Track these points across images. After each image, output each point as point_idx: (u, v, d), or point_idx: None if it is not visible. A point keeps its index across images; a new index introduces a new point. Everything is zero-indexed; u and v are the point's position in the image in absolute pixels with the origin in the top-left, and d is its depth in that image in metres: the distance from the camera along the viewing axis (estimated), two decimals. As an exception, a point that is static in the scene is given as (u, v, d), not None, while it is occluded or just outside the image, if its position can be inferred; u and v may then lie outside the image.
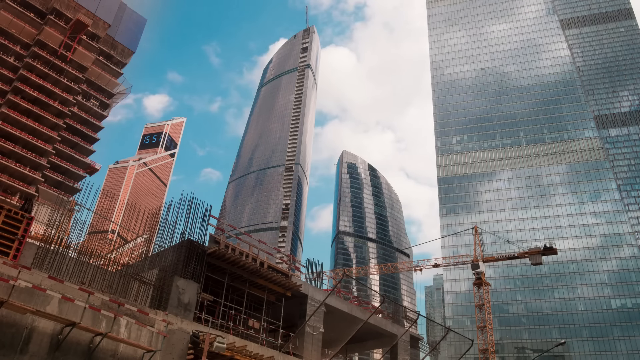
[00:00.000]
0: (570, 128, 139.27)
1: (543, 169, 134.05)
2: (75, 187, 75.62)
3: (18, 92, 71.39)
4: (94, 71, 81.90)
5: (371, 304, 52.95)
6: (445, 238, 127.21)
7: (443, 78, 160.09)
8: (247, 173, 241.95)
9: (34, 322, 16.48)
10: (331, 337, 36.34)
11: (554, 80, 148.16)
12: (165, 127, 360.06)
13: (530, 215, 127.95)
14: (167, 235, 24.73)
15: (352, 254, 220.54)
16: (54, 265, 19.38)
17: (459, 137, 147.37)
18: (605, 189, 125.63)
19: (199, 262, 24.73)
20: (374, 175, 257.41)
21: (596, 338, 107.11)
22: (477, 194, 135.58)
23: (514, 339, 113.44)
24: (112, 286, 20.84)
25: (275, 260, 33.25)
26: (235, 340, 23.75)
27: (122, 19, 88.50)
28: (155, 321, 20.15)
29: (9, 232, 17.70)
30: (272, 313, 29.36)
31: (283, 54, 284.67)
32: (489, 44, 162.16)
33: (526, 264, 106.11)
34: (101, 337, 17.63)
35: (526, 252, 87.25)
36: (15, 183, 67.60)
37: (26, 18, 74.77)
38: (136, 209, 25.28)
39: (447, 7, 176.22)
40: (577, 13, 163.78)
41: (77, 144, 78.15)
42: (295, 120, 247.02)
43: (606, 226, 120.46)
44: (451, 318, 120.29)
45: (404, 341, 37.92)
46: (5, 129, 68.42)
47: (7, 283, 15.36)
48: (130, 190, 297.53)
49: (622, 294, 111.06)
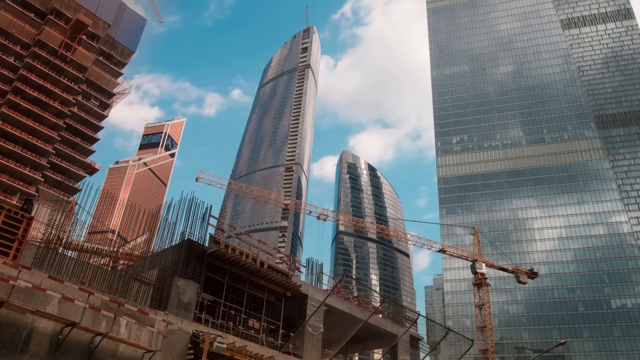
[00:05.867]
0: (570, 128, 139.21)
1: (543, 169, 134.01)
2: (75, 187, 75.63)
3: (18, 92, 71.39)
4: (94, 71, 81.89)
5: (371, 304, 52.91)
6: (446, 238, 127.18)
7: (443, 78, 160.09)
8: (247, 173, 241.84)
9: (34, 322, 16.47)
10: (331, 337, 36.33)
11: (554, 80, 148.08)
12: (165, 127, 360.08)
13: (531, 215, 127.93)
14: (167, 235, 24.74)
15: (352, 254, 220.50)
16: (54, 265, 19.38)
17: (459, 137, 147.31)
18: (605, 189, 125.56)
19: (199, 262, 24.73)
20: (374, 175, 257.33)
21: (596, 338, 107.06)
22: (477, 194, 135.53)
23: (514, 339, 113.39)
24: (112, 286, 20.84)
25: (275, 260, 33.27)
26: (235, 340, 23.75)
27: (122, 19, 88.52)
28: (155, 321, 20.15)
29: (9, 232, 17.69)
30: (272, 313, 29.35)
31: (283, 54, 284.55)
32: (489, 44, 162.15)
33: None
34: (101, 337, 17.62)
35: (516, 268, 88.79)
36: (15, 183, 67.60)
37: (26, 18, 74.76)
38: (136, 209, 25.27)
39: (446, 7, 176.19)
40: (577, 13, 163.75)
41: (77, 144, 78.16)
42: (295, 120, 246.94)
43: (606, 226, 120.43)
44: (451, 318, 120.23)
45: (404, 341, 37.92)
46: (5, 129, 68.43)
47: (7, 283, 15.36)
48: (130, 190, 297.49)
49: (622, 294, 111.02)
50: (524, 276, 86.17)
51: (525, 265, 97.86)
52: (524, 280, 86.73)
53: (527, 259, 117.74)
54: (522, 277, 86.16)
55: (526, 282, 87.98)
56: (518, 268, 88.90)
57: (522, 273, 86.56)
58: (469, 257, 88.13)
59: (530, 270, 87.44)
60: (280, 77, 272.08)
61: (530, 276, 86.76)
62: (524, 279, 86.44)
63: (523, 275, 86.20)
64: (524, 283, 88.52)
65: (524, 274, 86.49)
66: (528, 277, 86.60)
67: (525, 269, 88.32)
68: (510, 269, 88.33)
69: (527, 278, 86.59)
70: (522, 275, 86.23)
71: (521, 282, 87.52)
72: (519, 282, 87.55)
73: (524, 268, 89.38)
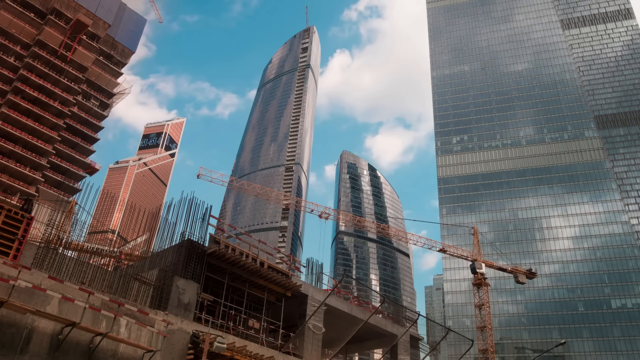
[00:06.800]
0: (570, 128, 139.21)
1: (543, 169, 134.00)
2: (75, 187, 75.64)
3: (18, 92, 71.39)
4: (94, 71, 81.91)
5: (371, 304, 52.92)
6: (446, 238, 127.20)
7: (443, 78, 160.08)
8: (247, 173, 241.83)
9: (34, 322, 16.47)
10: (331, 337, 36.34)
11: (554, 80, 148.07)
12: (165, 127, 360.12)
13: (531, 215, 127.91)
14: (167, 235, 24.74)
15: (352, 254, 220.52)
16: (54, 265, 19.38)
17: (459, 137, 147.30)
18: (605, 189, 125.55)
19: (199, 262, 24.72)
20: (374, 175, 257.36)
21: (596, 338, 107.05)
22: (477, 194, 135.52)
23: (514, 339, 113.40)
24: (112, 286, 20.84)
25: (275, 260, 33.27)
26: (235, 340, 23.74)
27: (122, 19, 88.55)
28: (155, 321, 20.14)
29: (9, 232, 17.69)
30: (272, 313, 29.34)
31: (283, 54, 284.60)
32: (489, 44, 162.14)
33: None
34: (101, 337, 17.62)
35: (514, 269, 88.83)
36: (15, 183, 67.60)
37: (26, 18, 74.76)
38: (136, 209, 25.27)
39: (446, 7, 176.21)
40: (577, 13, 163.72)
41: (77, 144, 78.18)
42: (295, 120, 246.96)
43: (606, 226, 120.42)
44: (451, 318, 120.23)
45: (404, 341, 37.91)
46: (5, 129, 68.43)
47: (7, 283, 15.36)
48: (130, 190, 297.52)
49: (622, 294, 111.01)
50: (522, 276, 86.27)
51: (525, 265, 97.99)
52: (522, 281, 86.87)
53: (527, 258, 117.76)
54: (521, 277, 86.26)
55: (524, 282, 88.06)
56: (516, 268, 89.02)
57: (520, 273, 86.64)
58: (468, 257, 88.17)
59: (529, 271, 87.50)
60: (280, 77, 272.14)
61: (528, 276, 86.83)
62: (523, 279, 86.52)
63: (522, 276, 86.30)
64: (523, 283, 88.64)
65: (522, 274, 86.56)
66: (526, 277, 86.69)
67: (524, 269, 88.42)
68: (509, 269, 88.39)
69: (525, 278, 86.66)
70: (521, 275, 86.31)
71: (520, 283, 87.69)
72: (518, 282, 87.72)
73: (522, 268, 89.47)
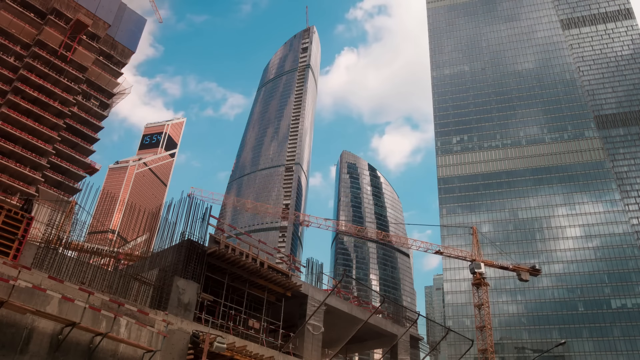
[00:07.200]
0: (570, 128, 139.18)
1: (543, 169, 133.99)
2: (75, 187, 75.63)
3: (18, 92, 71.38)
4: (94, 71, 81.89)
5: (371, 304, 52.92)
6: (446, 238, 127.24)
7: (443, 78, 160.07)
8: (247, 173, 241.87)
9: (34, 322, 16.47)
10: (331, 337, 36.33)
11: (554, 80, 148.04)
12: (165, 127, 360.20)
13: (531, 216, 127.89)
14: (167, 235, 24.73)
15: (352, 254, 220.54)
16: (54, 265, 19.37)
17: (459, 137, 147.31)
18: (605, 189, 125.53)
19: (199, 262, 24.72)
20: (374, 175, 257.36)
21: (596, 338, 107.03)
22: (477, 194, 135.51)
23: (514, 339, 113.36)
24: (112, 286, 20.83)
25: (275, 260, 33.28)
26: (235, 340, 23.74)
27: (122, 19, 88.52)
28: (155, 321, 20.14)
29: (9, 232, 17.69)
30: (272, 313, 29.34)
31: (283, 54, 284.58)
32: (488, 44, 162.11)
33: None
34: (101, 337, 17.62)
35: (517, 266, 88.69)
36: (15, 183, 67.59)
37: (26, 18, 74.74)
38: (136, 209, 25.27)
39: (447, 7, 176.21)
40: (577, 13, 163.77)
41: (77, 144, 78.17)
42: (295, 120, 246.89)
43: (606, 226, 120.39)
44: (451, 318, 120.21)
45: (404, 341, 37.91)
46: (5, 129, 68.42)
47: (7, 283, 15.35)
48: (130, 190, 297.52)
49: (622, 294, 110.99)
50: (525, 274, 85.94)
51: (525, 265, 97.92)
52: (525, 278, 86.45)
53: (527, 258, 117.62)
54: (524, 275, 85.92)
55: (528, 279, 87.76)
56: (519, 266, 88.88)
57: (523, 271, 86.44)
58: (467, 257, 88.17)
59: (532, 267, 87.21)
60: (280, 77, 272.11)
61: (532, 273, 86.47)
62: (526, 277, 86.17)
63: (525, 273, 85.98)
64: (526, 281, 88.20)
65: (525, 271, 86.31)
66: (530, 274, 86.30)
67: (527, 267, 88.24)
68: (511, 267, 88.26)
69: (528, 275, 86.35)
70: (524, 272, 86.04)
71: (523, 280, 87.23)
72: (521, 279, 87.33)
73: (525, 266, 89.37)
